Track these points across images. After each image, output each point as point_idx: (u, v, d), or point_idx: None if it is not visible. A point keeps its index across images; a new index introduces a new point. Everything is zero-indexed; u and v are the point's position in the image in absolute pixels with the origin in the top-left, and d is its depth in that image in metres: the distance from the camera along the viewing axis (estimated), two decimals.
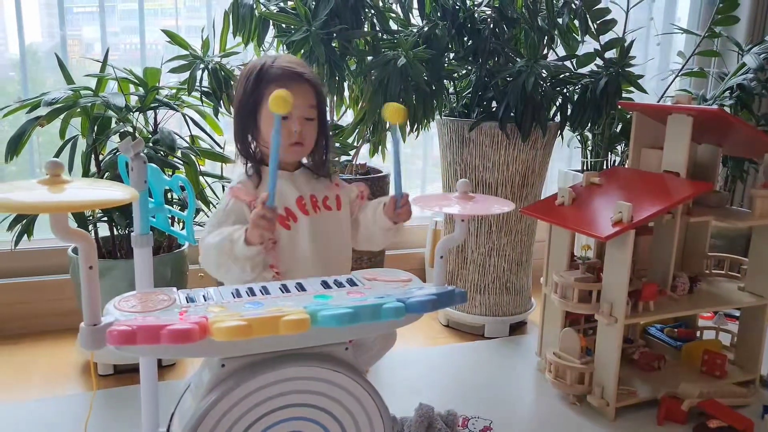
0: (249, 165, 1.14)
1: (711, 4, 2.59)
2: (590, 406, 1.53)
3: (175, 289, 0.88)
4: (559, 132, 1.97)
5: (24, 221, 1.55)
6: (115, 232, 1.68)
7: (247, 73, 1.13)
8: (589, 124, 1.96)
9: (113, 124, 1.60)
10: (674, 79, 2.27)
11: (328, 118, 1.71)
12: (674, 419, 1.46)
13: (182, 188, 1.11)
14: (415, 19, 1.84)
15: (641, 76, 1.94)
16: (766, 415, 1.50)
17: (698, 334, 1.85)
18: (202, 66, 1.63)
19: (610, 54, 1.94)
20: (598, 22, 1.92)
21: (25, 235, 1.56)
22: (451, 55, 1.87)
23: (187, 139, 1.73)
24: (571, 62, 1.97)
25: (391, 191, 1.12)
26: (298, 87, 1.10)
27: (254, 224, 0.98)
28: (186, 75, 1.63)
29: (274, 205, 0.97)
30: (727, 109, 2.19)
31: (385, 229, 1.14)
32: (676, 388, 1.53)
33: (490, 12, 1.85)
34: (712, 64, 2.55)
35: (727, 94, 2.23)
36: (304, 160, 1.19)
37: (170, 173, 1.57)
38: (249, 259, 1.02)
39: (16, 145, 1.50)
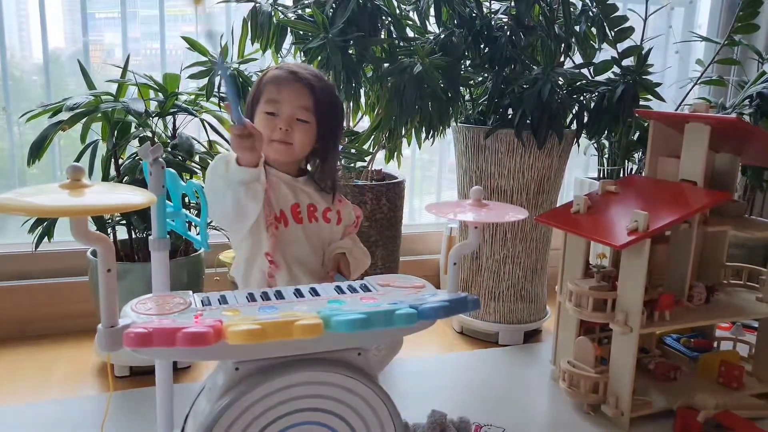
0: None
1: (731, 11, 2.57)
2: (605, 415, 1.52)
3: (191, 292, 0.89)
4: (575, 140, 1.96)
5: (45, 224, 1.58)
6: (133, 236, 1.70)
7: (258, 78, 1.19)
8: (606, 132, 1.95)
9: (133, 129, 1.62)
10: (693, 87, 2.25)
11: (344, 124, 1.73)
12: (690, 431, 1.44)
13: (196, 194, 1.13)
14: (432, 26, 1.85)
15: (659, 84, 1.93)
16: None
17: (715, 344, 1.83)
18: (220, 72, 1.65)
19: (628, 62, 1.93)
20: (615, 29, 1.91)
21: (46, 237, 1.58)
22: (468, 63, 1.88)
23: (205, 144, 1.75)
24: (588, 70, 1.96)
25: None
26: (290, 86, 1.13)
27: (235, 147, 1.01)
28: (205, 81, 1.65)
29: (243, 122, 0.99)
30: (747, 118, 2.17)
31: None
32: (692, 399, 1.51)
33: (506, 20, 1.85)
34: (732, 73, 2.52)
35: (746, 102, 2.20)
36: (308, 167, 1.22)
37: (188, 177, 1.59)
38: (243, 183, 1.04)
39: (38, 149, 1.53)
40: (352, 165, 1.77)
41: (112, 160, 1.63)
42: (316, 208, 1.18)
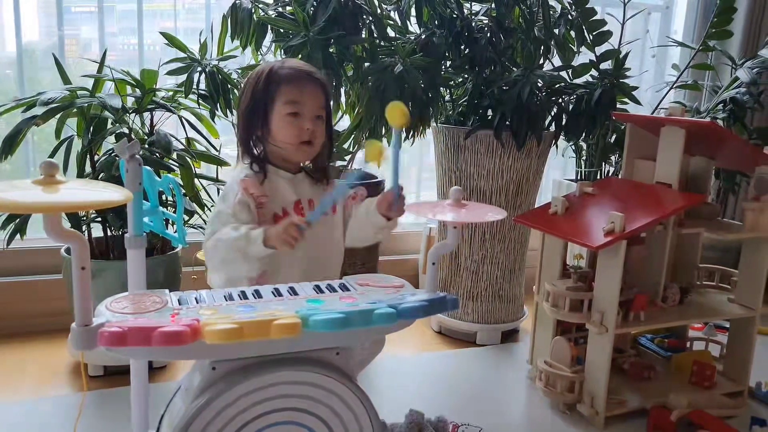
0: (253, 163, 1.15)
1: (706, 18, 2.62)
2: (580, 414, 1.53)
3: (167, 291, 0.88)
4: (553, 141, 1.98)
5: (17, 220, 1.55)
6: (109, 233, 1.67)
7: (256, 76, 1.15)
8: (584, 134, 1.97)
9: (109, 125, 1.60)
10: (668, 91, 2.28)
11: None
12: (663, 429, 1.46)
13: (172, 189, 1.11)
14: (413, 26, 1.85)
15: (636, 88, 1.96)
16: (753, 426, 1.51)
17: (688, 344, 1.86)
18: (199, 69, 1.63)
19: (606, 65, 1.95)
20: (594, 33, 1.94)
21: (18, 234, 1.55)
22: (448, 63, 1.88)
23: (183, 141, 1.73)
24: (567, 73, 1.98)
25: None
26: (310, 86, 1.13)
27: (282, 239, 1.00)
28: (183, 77, 1.63)
29: (309, 227, 1.01)
30: (720, 122, 2.21)
31: (379, 227, 1.13)
32: (666, 398, 1.53)
33: (487, 21, 1.86)
34: (706, 78, 2.57)
35: (720, 107, 2.25)
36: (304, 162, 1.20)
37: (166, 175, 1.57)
38: (260, 259, 1.05)
39: (11, 144, 1.50)
40: (332, 164, 1.77)
41: (88, 156, 1.60)
42: (316, 203, 1.16)
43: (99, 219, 1.65)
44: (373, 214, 1.13)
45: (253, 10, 1.65)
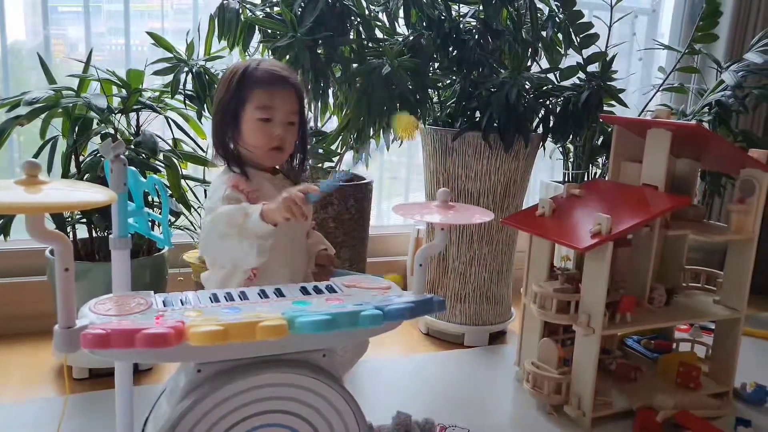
0: (231, 164, 1.14)
1: (692, 21, 2.64)
2: (567, 416, 1.54)
3: (152, 292, 0.88)
4: (541, 143, 1.99)
5: (0, 221, 1.53)
6: (94, 234, 1.66)
7: (230, 74, 1.13)
8: (571, 137, 1.98)
9: (95, 126, 1.58)
10: (655, 93, 2.30)
11: (312, 124, 1.72)
12: (649, 430, 1.47)
13: (157, 189, 1.10)
14: (401, 28, 1.85)
15: (623, 90, 1.97)
16: (738, 427, 1.52)
17: (674, 346, 1.87)
18: (186, 69, 1.63)
19: (593, 68, 1.97)
20: (581, 36, 1.95)
21: (2, 235, 1.54)
22: (436, 65, 1.89)
23: (170, 142, 1.72)
24: (554, 75, 1.99)
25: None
26: (282, 91, 1.11)
27: (286, 207, 0.94)
28: (170, 78, 1.62)
29: (316, 202, 0.98)
30: (706, 125, 2.22)
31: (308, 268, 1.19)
32: (652, 399, 1.54)
33: (475, 23, 1.87)
34: (692, 81, 2.59)
35: (705, 110, 2.27)
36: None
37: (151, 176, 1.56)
38: (258, 237, 0.99)
39: None
40: (320, 165, 1.77)
41: (73, 156, 1.59)
42: None
43: (84, 220, 1.63)
44: (312, 255, 1.21)
45: (240, 11, 1.64)
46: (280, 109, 1.11)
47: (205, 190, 1.69)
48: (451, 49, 1.85)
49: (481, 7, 1.84)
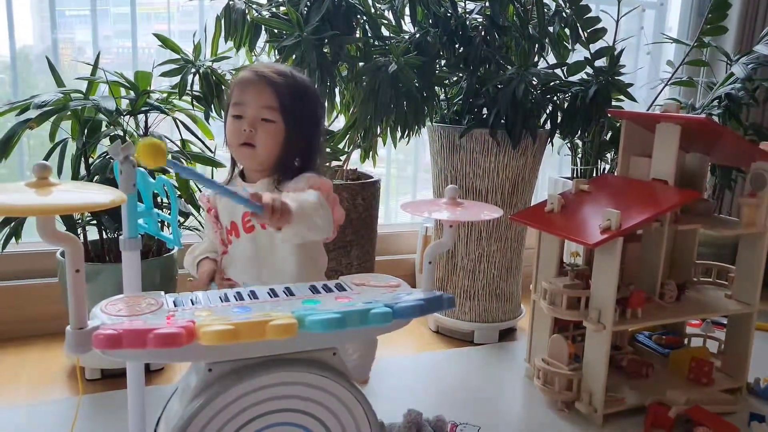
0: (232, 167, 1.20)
1: (700, 14, 2.62)
2: (578, 412, 1.53)
3: (162, 293, 0.88)
4: (549, 139, 1.98)
5: (12, 224, 1.54)
6: (104, 236, 1.67)
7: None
8: (579, 132, 1.97)
9: (103, 128, 1.59)
10: (663, 87, 2.29)
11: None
12: (661, 426, 1.46)
13: (165, 190, 1.11)
14: (407, 25, 1.85)
15: (631, 85, 1.96)
16: (752, 422, 1.51)
17: (686, 341, 1.86)
18: (193, 70, 1.63)
19: (600, 62, 1.95)
20: (588, 30, 1.94)
21: (13, 237, 1.55)
22: (443, 62, 1.88)
23: (178, 143, 1.72)
24: (562, 70, 1.98)
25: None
26: (253, 86, 1.11)
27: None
28: (177, 79, 1.63)
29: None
30: (716, 119, 2.21)
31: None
32: (664, 395, 1.53)
33: (481, 20, 1.86)
34: (701, 74, 2.57)
35: (715, 103, 2.25)
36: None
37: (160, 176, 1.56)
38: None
39: (5, 147, 1.49)
40: (327, 164, 1.77)
41: (83, 159, 1.60)
42: None
43: (94, 222, 1.64)
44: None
45: (246, 11, 1.64)
46: (251, 104, 1.10)
47: None
48: (457, 46, 1.85)
49: (487, 4, 1.84)
